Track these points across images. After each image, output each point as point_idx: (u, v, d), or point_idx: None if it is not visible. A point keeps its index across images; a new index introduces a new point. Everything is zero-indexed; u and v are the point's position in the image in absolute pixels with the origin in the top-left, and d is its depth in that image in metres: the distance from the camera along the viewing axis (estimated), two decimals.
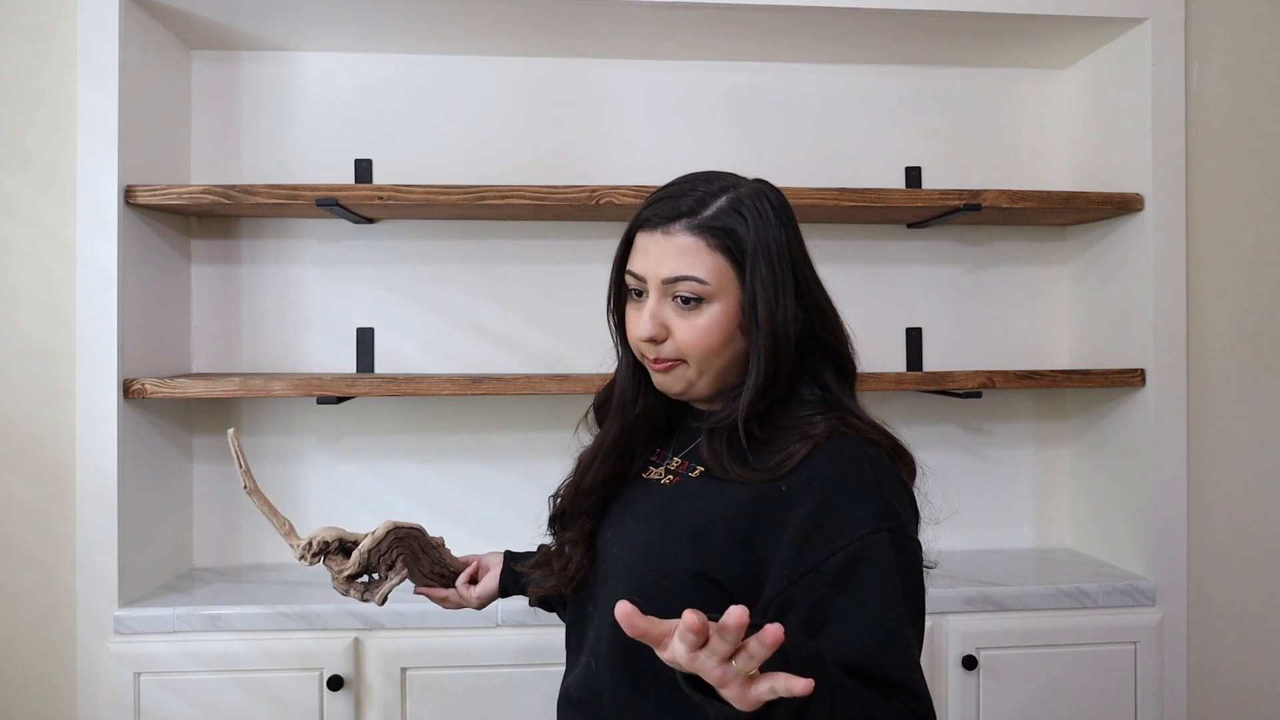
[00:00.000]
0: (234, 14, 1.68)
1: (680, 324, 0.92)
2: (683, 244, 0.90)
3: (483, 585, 1.21)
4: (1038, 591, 1.66)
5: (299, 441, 1.86)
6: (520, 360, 1.88)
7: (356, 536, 1.11)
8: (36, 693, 1.62)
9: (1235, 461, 1.79)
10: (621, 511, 1.00)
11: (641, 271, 0.93)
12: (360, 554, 1.09)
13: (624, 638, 0.87)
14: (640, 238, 0.94)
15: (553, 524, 1.09)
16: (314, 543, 1.09)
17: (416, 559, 1.15)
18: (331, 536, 1.09)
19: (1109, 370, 1.75)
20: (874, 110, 1.95)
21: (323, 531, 1.09)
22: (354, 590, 1.11)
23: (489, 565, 1.23)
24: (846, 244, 1.94)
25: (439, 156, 1.86)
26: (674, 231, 0.91)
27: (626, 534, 0.97)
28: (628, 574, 0.94)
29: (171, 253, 1.76)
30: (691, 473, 0.96)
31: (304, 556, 1.08)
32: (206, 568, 1.83)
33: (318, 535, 1.09)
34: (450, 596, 1.21)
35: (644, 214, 0.94)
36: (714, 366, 0.93)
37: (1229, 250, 1.78)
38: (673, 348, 0.93)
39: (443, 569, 1.20)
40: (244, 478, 1.10)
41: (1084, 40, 1.83)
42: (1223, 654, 1.77)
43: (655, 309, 0.92)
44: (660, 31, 1.76)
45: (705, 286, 0.90)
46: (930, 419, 1.96)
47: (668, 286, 0.91)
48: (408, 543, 1.13)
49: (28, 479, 1.62)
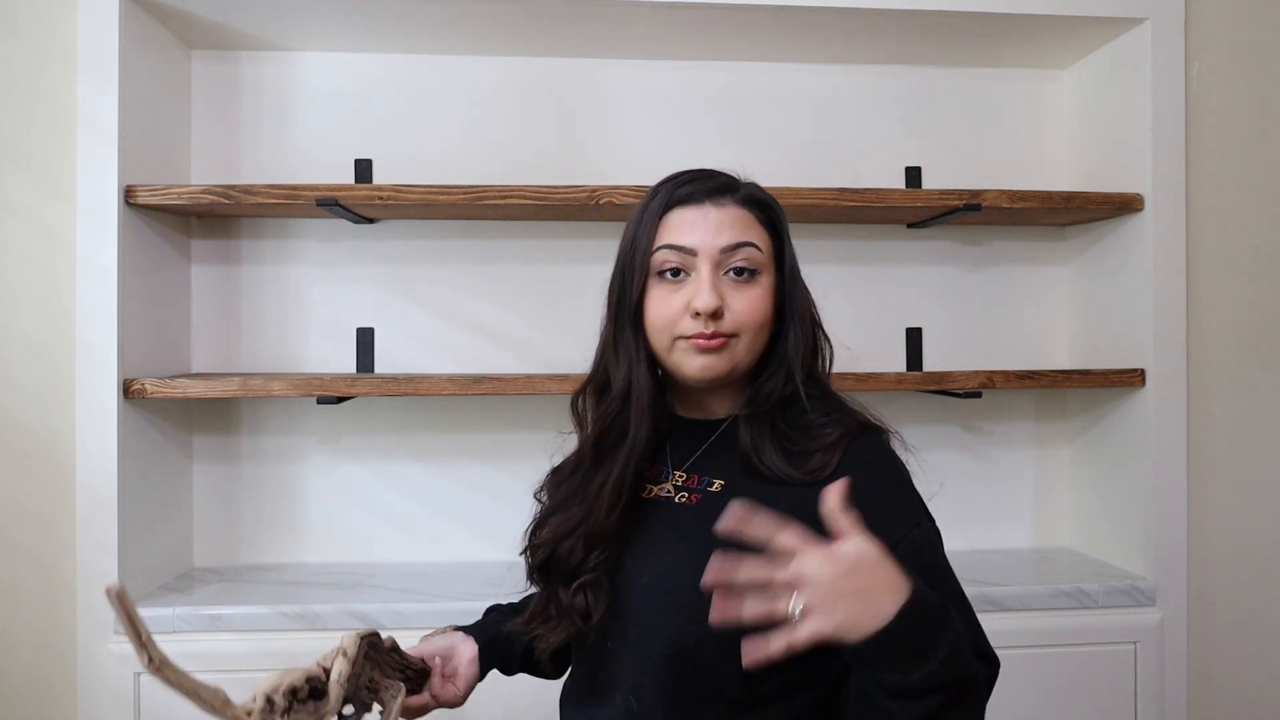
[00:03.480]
0: (234, 14, 1.68)
1: (736, 296, 0.90)
2: (737, 214, 0.91)
3: (465, 676, 1.06)
4: (1038, 591, 1.66)
5: (299, 441, 1.86)
6: (520, 360, 1.88)
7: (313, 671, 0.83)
8: (36, 693, 1.62)
9: (1235, 461, 1.79)
10: (639, 538, 0.93)
11: (692, 244, 0.90)
12: (339, 685, 0.83)
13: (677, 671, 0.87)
14: (679, 214, 0.92)
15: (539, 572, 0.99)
16: (276, 698, 0.78)
17: (382, 668, 0.94)
18: (298, 680, 0.80)
19: (1109, 370, 1.75)
20: (874, 110, 1.95)
21: (281, 679, 0.78)
22: None
23: (447, 651, 1.07)
24: (846, 244, 1.93)
25: (439, 156, 1.86)
26: (725, 203, 0.91)
27: (659, 562, 0.90)
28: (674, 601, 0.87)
29: (171, 253, 1.76)
30: (710, 486, 0.93)
31: None
32: (206, 568, 1.83)
33: (278, 686, 0.78)
34: (429, 702, 1.03)
35: (679, 193, 0.92)
36: (757, 346, 0.93)
37: (1229, 250, 1.78)
38: (729, 323, 0.89)
39: (406, 671, 0.99)
40: (146, 649, 0.70)
41: (1084, 40, 1.83)
42: (1223, 654, 1.77)
43: (715, 280, 0.89)
44: (660, 31, 1.76)
45: (761, 255, 0.91)
46: (930, 419, 1.96)
47: (725, 256, 0.90)
48: (371, 653, 0.92)
49: (28, 479, 1.62)
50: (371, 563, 1.86)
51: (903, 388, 1.71)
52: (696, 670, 0.86)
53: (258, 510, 1.86)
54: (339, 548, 1.87)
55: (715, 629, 0.72)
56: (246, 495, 1.85)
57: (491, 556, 1.85)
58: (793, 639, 0.69)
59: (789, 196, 1.61)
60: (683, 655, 0.86)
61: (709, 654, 0.86)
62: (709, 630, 0.73)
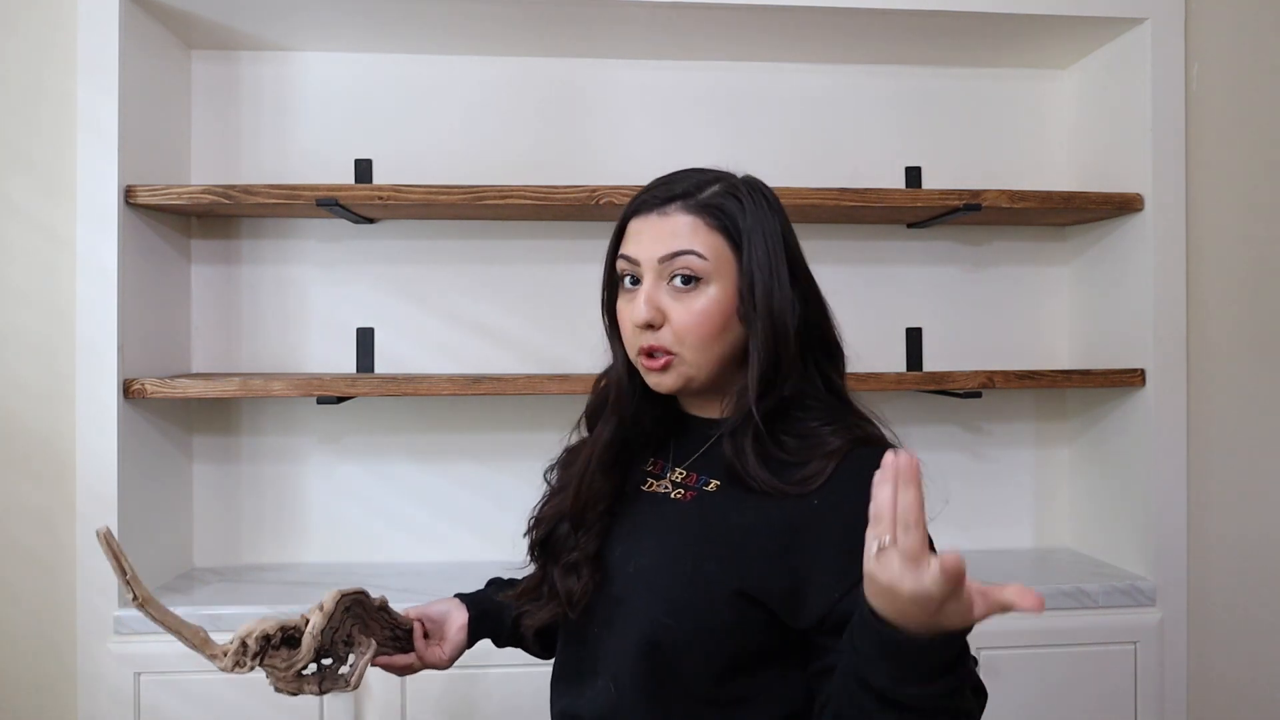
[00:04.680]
0: (234, 14, 1.68)
1: (676, 307, 0.88)
2: (680, 223, 0.89)
3: (452, 643, 1.08)
4: (1037, 591, 1.66)
5: (299, 441, 1.86)
6: (520, 360, 1.88)
7: (294, 621, 0.90)
8: (37, 692, 1.62)
9: (1235, 461, 1.79)
10: (632, 528, 0.95)
11: (636, 254, 0.90)
12: (313, 637, 0.89)
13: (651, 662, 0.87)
14: (634, 223, 0.92)
15: (535, 550, 1.02)
16: (249, 642, 0.85)
17: (367, 626, 0.99)
18: (271, 628, 0.87)
19: (1109, 370, 1.75)
20: (874, 110, 1.95)
21: (255, 625, 0.86)
22: (308, 686, 0.91)
23: (441, 616, 1.10)
24: (846, 244, 1.94)
25: (439, 156, 1.86)
26: (670, 212, 0.89)
27: (646, 552, 0.92)
28: (655, 593, 0.88)
29: (171, 253, 1.76)
30: (706, 486, 0.93)
31: (240, 664, 0.85)
32: (206, 568, 1.83)
33: (251, 631, 0.86)
34: (414, 662, 1.06)
35: (637, 201, 0.92)
36: (710, 357, 0.89)
37: (1229, 250, 1.78)
38: (669, 335, 0.88)
39: (395, 630, 1.03)
40: (130, 587, 0.82)
41: (1084, 40, 1.83)
42: (1223, 654, 1.77)
43: (651, 292, 0.89)
44: (660, 31, 1.76)
45: (704, 263, 0.87)
46: (930, 419, 1.96)
47: (664, 266, 0.88)
48: (355, 610, 0.97)
49: (28, 479, 1.62)
50: (371, 562, 1.86)
51: (903, 388, 1.71)
52: (669, 665, 0.86)
53: (258, 510, 1.86)
54: (339, 548, 1.87)
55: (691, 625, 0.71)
56: (246, 495, 1.85)
57: (491, 556, 1.85)
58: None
59: (789, 196, 1.61)
60: (657, 648, 0.86)
61: (682, 650, 0.85)
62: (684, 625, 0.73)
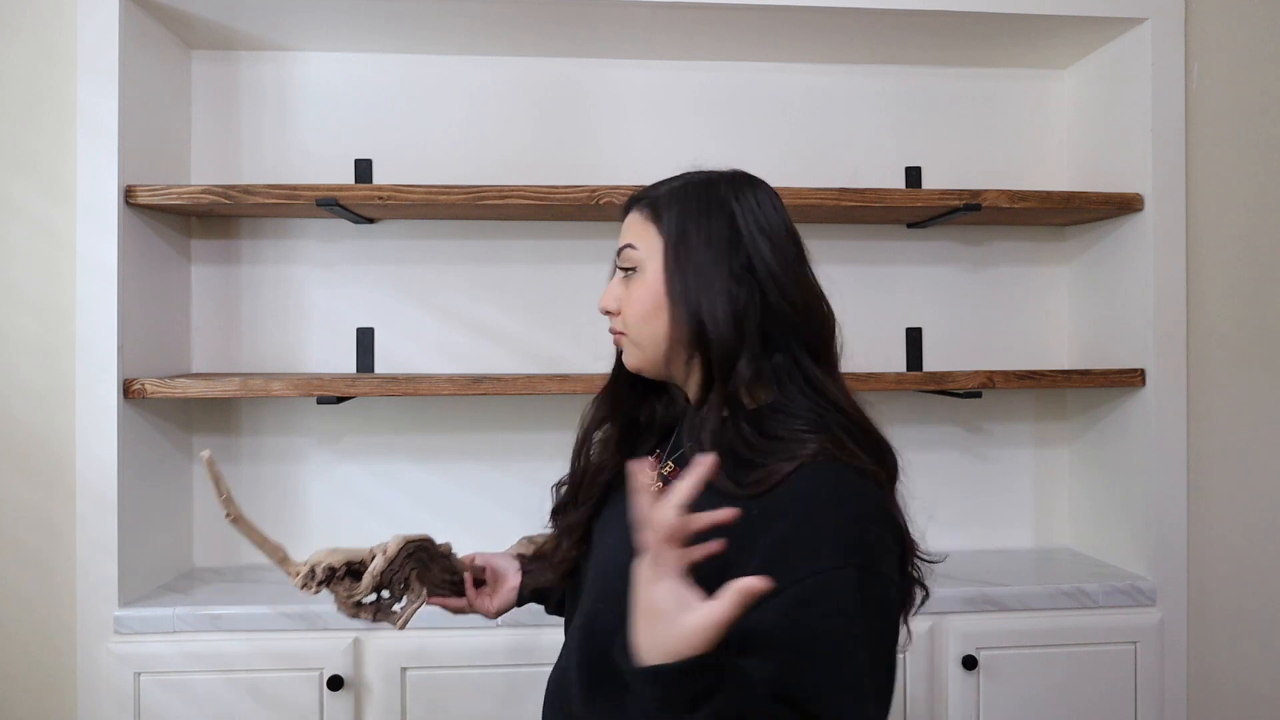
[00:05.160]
0: (234, 14, 1.68)
1: (624, 294, 0.96)
2: (631, 219, 0.97)
3: (502, 597, 1.17)
4: (1038, 591, 1.66)
5: (299, 441, 1.86)
6: (520, 360, 1.88)
7: (362, 555, 1.02)
8: (37, 692, 1.62)
9: (1235, 461, 1.79)
10: (614, 511, 1.00)
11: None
12: (373, 576, 1.00)
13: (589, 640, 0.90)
14: None
15: (555, 515, 1.09)
16: (317, 570, 0.97)
17: (427, 569, 1.09)
18: (337, 561, 0.99)
19: (1109, 370, 1.75)
20: (874, 110, 1.95)
21: (325, 556, 0.99)
22: (364, 614, 1.03)
23: (501, 570, 1.19)
24: (846, 244, 1.94)
25: (439, 156, 1.86)
26: (632, 210, 0.98)
27: (610, 537, 0.98)
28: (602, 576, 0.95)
29: (171, 253, 1.76)
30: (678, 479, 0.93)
31: (306, 585, 0.97)
32: (206, 568, 1.83)
33: (321, 561, 0.98)
34: (465, 606, 1.17)
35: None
36: (646, 337, 0.94)
37: (1229, 250, 1.78)
38: (620, 319, 0.97)
39: (453, 575, 1.14)
40: (225, 505, 0.98)
41: (1084, 40, 1.83)
42: (1223, 654, 1.77)
43: (613, 283, 0.98)
44: (660, 31, 1.76)
45: (636, 252, 0.94)
46: (930, 419, 1.96)
47: (619, 260, 0.97)
48: (418, 555, 1.06)
49: (28, 479, 1.62)
50: None
51: (903, 388, 1.71)
52: (599, 646, 0.87)
53: (258, 510, 1.85)
54: None
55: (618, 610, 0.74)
56: (247, 495, 1.85)
57: None
58: None
59: (789, 196, 1.61)
60: (594, 633, 0.91)
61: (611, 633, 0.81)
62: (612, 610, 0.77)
